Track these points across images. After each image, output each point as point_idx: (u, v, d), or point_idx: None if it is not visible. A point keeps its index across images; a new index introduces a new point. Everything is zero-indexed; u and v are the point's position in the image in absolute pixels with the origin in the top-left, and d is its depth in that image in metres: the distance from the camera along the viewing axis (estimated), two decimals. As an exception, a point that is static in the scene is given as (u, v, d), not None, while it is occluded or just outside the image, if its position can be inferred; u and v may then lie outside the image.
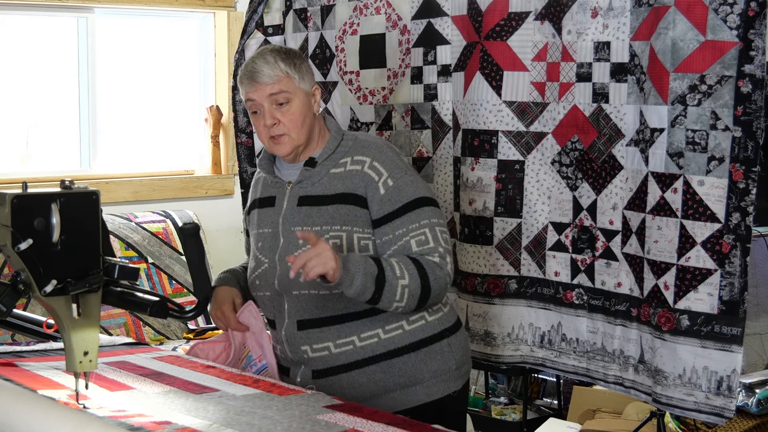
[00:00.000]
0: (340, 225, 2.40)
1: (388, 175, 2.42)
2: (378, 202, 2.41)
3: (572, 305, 2.89)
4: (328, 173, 2.45)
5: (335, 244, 2.38)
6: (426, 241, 2.39)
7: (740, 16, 2.39)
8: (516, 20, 2.92)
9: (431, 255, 2.38)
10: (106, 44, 4.96)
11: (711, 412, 2.50)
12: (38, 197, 1.92)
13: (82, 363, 1.95)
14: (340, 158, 2.46)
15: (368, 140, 2.51)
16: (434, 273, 2.36)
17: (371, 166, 2.43)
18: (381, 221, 2.41)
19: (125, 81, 5.07)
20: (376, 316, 2.42)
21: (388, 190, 2.41)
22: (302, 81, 2.44)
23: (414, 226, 2.40)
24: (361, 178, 2.42)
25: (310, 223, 2.42)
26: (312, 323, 2.43)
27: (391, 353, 2.44)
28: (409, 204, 2.41)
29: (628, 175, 2.70)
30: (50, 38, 4.81)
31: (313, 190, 2.45)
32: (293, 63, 2.44)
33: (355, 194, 2.42)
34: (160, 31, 5.22)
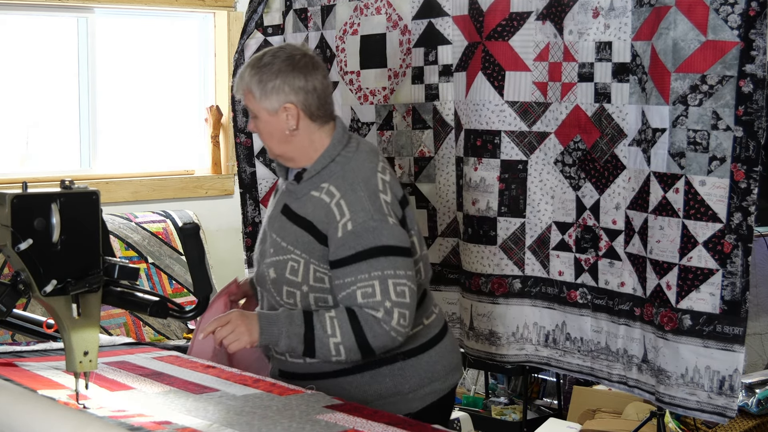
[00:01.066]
0: (300, 251, 2.34)
1: (349, 217, 2.30)
2: (334, 244, 2.31)
3: (576, 304, 2.89)
4: (307, 194, 2.37)
5: (292, 267, 2.34)
6: (372, 294, 2.27)
7: (741, 16, 2.39)
8: (517, 20, 2.91)
9: (375, 309, 2.27)
10: (106, 44, 4.95)
11: (713, 411, 2.50)
12: (38, 197, 1.91)
13: (82, 363, 1.95)
14: (322, 182, 2.36)
15: (351, 171, 2.37)
16: (372, 330, 2.26)
17: (337, 204, 2.32)
18: (335, 264, 2.31)
19: (125, 81, 5.07)
20: None
21: (346, 234, 2.29)
22: (264, 99, 2.34)
23: (363, 276, 2.27)
24: (326, 213, 2.32)
25: (282, 235, 2.38)
26: None
27: (337, 373, 2.38)
28: (363, 253, 2.28)
29: (630, 175, 2.70)
30: (50, 38, 4.81)
31: (293, 204, 2.39)
32: (259, 79, 2.34)
33: (318, 228, 2.33)
34: (160, 31, 5.22)
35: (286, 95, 2.33)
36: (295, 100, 2.34)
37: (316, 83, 2.36)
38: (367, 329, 2.27)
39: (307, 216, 2.35)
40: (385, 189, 2.37)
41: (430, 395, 2.45)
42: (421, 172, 3.27)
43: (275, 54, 2.37)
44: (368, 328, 2.27)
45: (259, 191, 3.73)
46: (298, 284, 2.34)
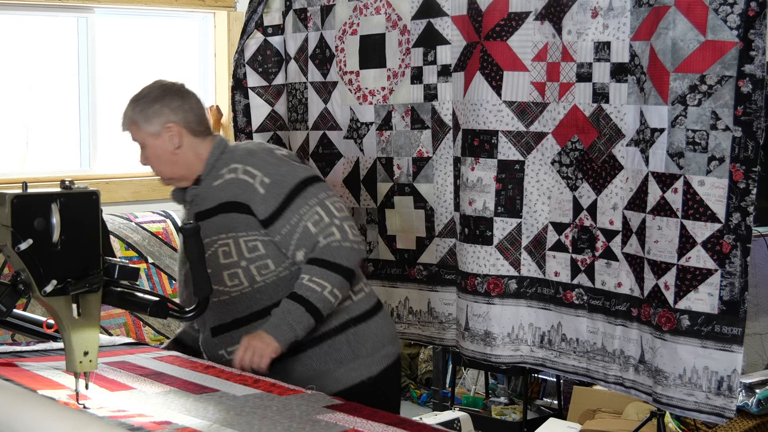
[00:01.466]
0: (225, 233, 2.50)
1: (261, 174, 2.49)
2: (261, 203, 2.48)
3: (572, 305, 2.89)
4: (210, 187, 2.54)
5: (224, 251, 2.49)
6: (320, 219, 2.48)
7: (740, 16, 2.39)
8: (516, 20, 2.92)
9: (329, 235, 2.46)
10: (106, 44, 4.96)
11: (711, 412, 2.50)
12: (38, 197, 1.91)
13: (82, 363, 1.95)
14: (219, 171, 2.55)
15: (240, 147, 2.61)
16: (340, 255, 2.46)
17: (245, 171, 2.51)
18: (271, 219, 2.48)
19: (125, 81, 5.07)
20: None
21: (267, 187, 2.48)
22: (147, 124, 2.54)
23: (304, 209, 2.48)
24: (238, 185, 2.50)
25: (203, 236, 2.43)
26: (223, 328, 2.54)
27: (296, 348, 2.49)
28: (291, 192, 2.49)
29: (628, 175, 2.70)
30: (50, 38, 4.81)
31: (203, 205, 2.55)
32: (140, 108, 2.55)
33: (235, 202, 2.50)
34: (160, 31, 5.22)
35: (166, 116, 2.55)
36: (176, 119, 2.55)
37: (192, 103, 2.59)
38: (338, 259, 2.46)
39: (220, 200, 2.51)
40: (278, 148, 2.64)
41: (386, 358, 2.63)
42: (419, 173, 3.28)
43: (150, 86, 2.61)
44: (337, 257, 2.46)
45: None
46: (236, 263, 2.48)
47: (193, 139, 2.57)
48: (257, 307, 2.51)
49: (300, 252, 2.49)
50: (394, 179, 3.35)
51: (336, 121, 3.47)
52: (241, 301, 2.50)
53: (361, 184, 3.44)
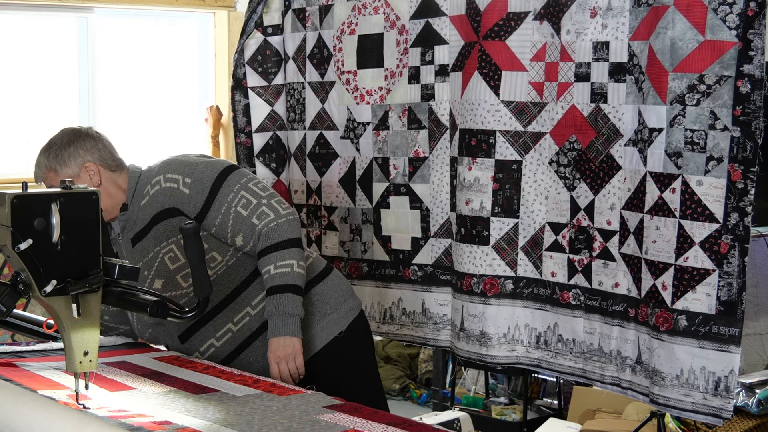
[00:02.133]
0: (166, 239, 2.59)
1: (183, 175, 2.60)
2: (188, 202, 2.58)
3: (569, 306, 2.89)
4: (139, 207, 2.64)
5: (170, 257, 2.59)
6: (249, 202, 2.58)
7: (739, 16, 2.39)
8: (515, 20, 2.92)
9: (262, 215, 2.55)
10: (106, 44, 4.96)
11: (708, 412, 2.50)
12: (38, 197, 1.92)
13: (82, 363, 1.95)
14: (143, 190, 2.65)
15: (156, 164, 2.70)
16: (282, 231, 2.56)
17: (166, 179, 2.61)
18: (202, 213, 2.57)
19: (125, 81, 5.07)
20: (239, 297, 2.61)
21: (191, 186, 2.58)
22: (65, 168, 2.62)
23: (231, 197, 2.58)
24: (164, 193, 2.60)
25: (144, 253, 2.61)
26: (191, 330, 2.62)
27: (264, 325, 2.58)
28: (214, 185, 2.58)
29: (626, 175, 2.70)
30: (50, 38, 4.81)
31: (135, 227, 2.64)
32: (55, 155, 2.63)
33: (164, 209, 2.59)
34: (160, 31, 5.23)
35: (82, 157, 2.65)
36: (92, 159, 2.66)
37: (103, 142, 2.72)
38: (283, 236, 2.56)
39: (152, 214, 2.61)
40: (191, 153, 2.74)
41: (351, 311, 2.78)
42: (415, 173, 3.27)
43: (59, 134, 2.72)
44: (282, 235, 2.56)
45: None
46: (185, 264, 2.56)
47: (111, 174, 2.67)
48: (215, 300, 2.59)
49: (239, 237, 2.57)
50: (390, 179, 3.35)
51: (333, 121, 3.48)
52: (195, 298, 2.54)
53: (357, 184, 3.44)
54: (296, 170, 3.62)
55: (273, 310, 2.52)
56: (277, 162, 3.70)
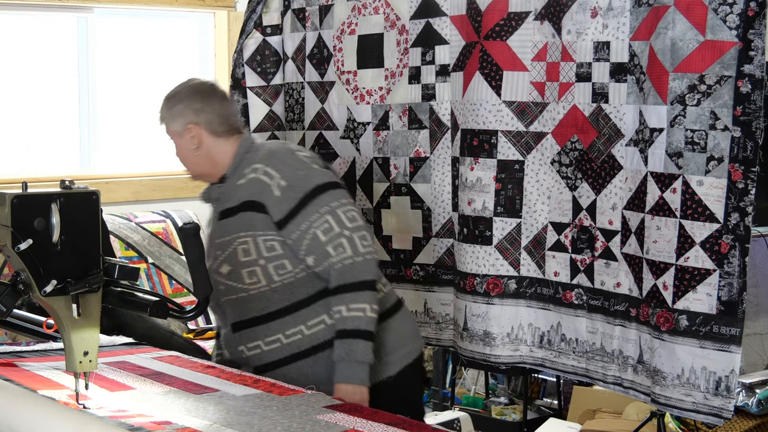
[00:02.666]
0: (244, 231, 2.53)
1: (279, 176, 2.53)
2: (275, 205, 2.51)
3: (572, 305, 2.89)
4: (235, 185, 2.58)
5: (243, 249, 2.53)
6: (330, 228, 2.49)
7: (740, 16, 2.39)
8: (516, 20, 2.92)
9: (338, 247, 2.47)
10: (106, 44, 4.96)
11: (709, 412, 2.50)
12: (38, 197, 1.91)
13: (82, 363, 1.95)
14: (243, 170, 2.59)
15: (265, 146, 2.64)
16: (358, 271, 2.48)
17: (264, 172, 2.55)
18: (284, 222, 2.51)
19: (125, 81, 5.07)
20: (297, 312, 2.54)
21: (282, 190, 2.51)
22: (173, 122, 2.62)
23: (315, 216, 2.49)
24: (257, 184, 2.54)
25: (224, 233, 2.57)
26: (243, 324, 2.58)
27: (317, 348, 2.53)
28: (305, 198, 2.50)
29: (627, 175, 2.70)
30: (50, 38, 4.81)
31: (227, 203, 2.59)
32: (168, 107, 2.64)
33: (252, 201, 2.54)
34: (160, 31, 5.22)
35: (188, 117, 2.61)
36: (196, 121, 2.61)
37: (215, 105, 2.63)
38: (358, 276, 2.48)
39: (241, 200, 2.55)
40: (300, 150, 2.66)
41: (407, 355, 2.66)
42: (416, 172, 3.28)
43: (181, 85, 2.69)
44: (357, 275, 2.48)
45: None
46: (255, 261, 2.51)
47: (215, 140, 2.61)
48: (274, 307, 2.54)
49: (310, 258, 2.51)
50: (390, 179, 3.35)
51: (333, 120, 3.47)
52: (259, 299, 2.53)
53: (357, 184, 3.44)
54: None
55: (343, 356, 2.45)
56: (277, 162, 3.70)
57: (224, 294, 2.57)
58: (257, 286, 2.52)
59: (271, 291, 2.53)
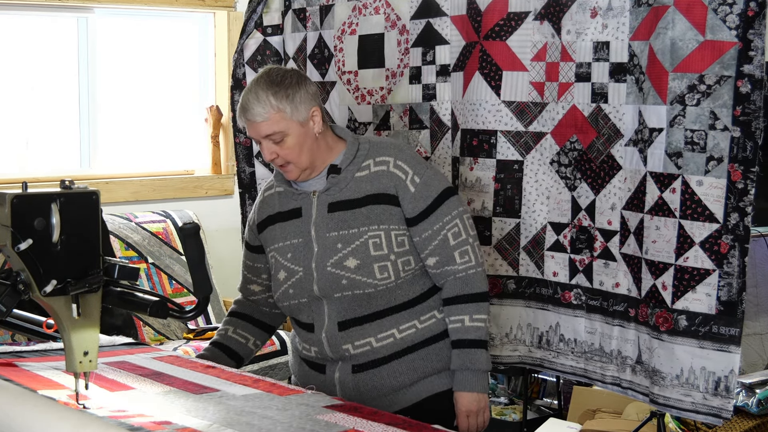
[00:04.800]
0: (377, 224, 2.49)
1: (413, 172, 2.52)
2: (410, 201, 2.50)
3: (570, 305, 2.90)
4: (353, 178, 2.52)
5: (375, 243, 2.48)
6: (459, 232, 2.53)
7: (739, 16, 2.39)
8: (515, 20, 2.92)
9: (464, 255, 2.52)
10: (106, 44, 4.96)
11: (708, 412, 2.50)
12: (38, 197, 1.91)
13: (82, 363, 1.95)
14: (362, 162, 2.53)
15: (384, 141, 2.60)
16: (479, 282, 2.55)
17: (396, 166, 2.52)
18: (417, 218, 2.51)
19: (125, 81, 5.07)
20: (413, 308, 2.55)
21: (417, 187, 2.51)
22: (295, 112, 2.46)
23: (447, 218, 2.52)
24: (389, 177, 2.51)
25: (346, 226, 2.50)
26: (353, 322, 2.52)
27: (427, 341, 2.56)
28: (439, 197, 2.52)
29: (626, 175, 2.71)
30: (50, 38, 4.81)
31: (341, 195, 2.52)
32: (285, 95, 2.45)
33: (386, 194, 2.50)
34: (160, 31, 5.23)
35: (310, 102, 2.49)
36: (316, 104, 2.52)
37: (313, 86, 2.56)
38: (480, 287, 2.55)
39: (368, 192, 2.51)
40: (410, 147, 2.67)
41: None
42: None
43: (281, 72, 2.51)
44: (479, 286, 2.55)
45: (258, 191, 3.74)
46: (386, 255, 2.49)
47: (325, 126, 2.56)
48: (395, 302, 2.53)
49: (433, 259, 2.54)
50: (392, 179, 3.35)
51: (334, 121, 3.48)
52: (384, 295, 2.51)
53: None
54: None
55: (467, 365, 2.50)
56: (277, 162, 3.70)
57: (345, 288, 2.50)
58: (386, 282, 2.50)
59: (396, 287, 2.52)
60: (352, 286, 2.49)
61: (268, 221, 2.66)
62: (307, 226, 2.55)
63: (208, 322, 4.58)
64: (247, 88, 2.51)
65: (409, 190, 2.50)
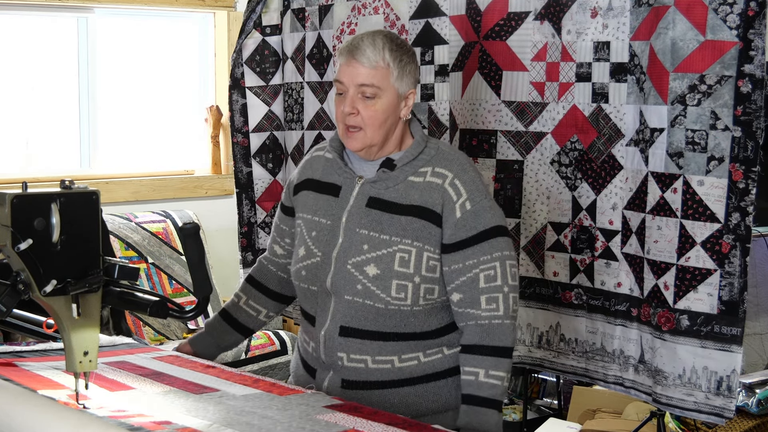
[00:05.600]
0: (411, 239, 2.25)
1: (467, 197, 2.26)
2: (452, 226, 2.25)
3: (571, 305, 2.90)
4: (405, 180, 2.29)
5: (402, 258, 2.25)
6: (494, 276, 2.25)
7: (740, 16, 2.39)
8: (515, 20, 2.92)
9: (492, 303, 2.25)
10: (106, 44, 4.96)
11: (711, 412, 2.50)
12: (38, 197, 1.91)
13: (82, 363, 1.95)
14: (421, 166, 2.30)
15: (452, 154, 2.35)
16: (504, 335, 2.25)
17: (452, 184, 2.27)
18: (453, 247, 2.26)
19: (125, 81, 5.07)
20: (420, 341, 2.32)
21: (465, 213, 2.25)
22: (399, 80, 2.26)
23: (486, 258, 2.25)
24: (441, 193, 2.26)
25: (379, 229, 2.27)
26: (355, 332, 2.29)
27: (428, 377, 2.32)
28: (484, 233, 2.26)
29: (627, 175, 2.70)
30: (50, 38, 4.81)
31: (386, 194, 2.29)
32: (400, 58, 2.25)
33: (431, 210, 2.26)
34: (160, 31, 5.22)
35: (414, 81, 2.30)
36: (415, 88, 2.32)
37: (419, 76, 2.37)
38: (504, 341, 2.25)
39: (414, 202, 2.27)
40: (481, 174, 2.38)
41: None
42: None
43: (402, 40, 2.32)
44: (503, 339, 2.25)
45: (255, 191, 3.74)
46: (410, 275, 2.25)
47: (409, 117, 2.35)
48: (405, 329, 2.29)
49: (457, 295, 2.27)
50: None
51: (332, 120, 3.47)
52: (394, 317, 2.27)
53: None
54: (293, 170, 3.62)
55: (474, 425, 2.21)
56: (274, 162, 3.70)
57: (358, 294, 2.27)
58: (399, 303, 2.26)
59: (410, 313, 2.28)
60: (364, 294, 2.26)
61: (305, 184, 2.43)
62: (340, 211, 2.32)
63: (207, 322, 4.57)
64: (363, 33, 2.29)
65: (455, 214, 2.25)
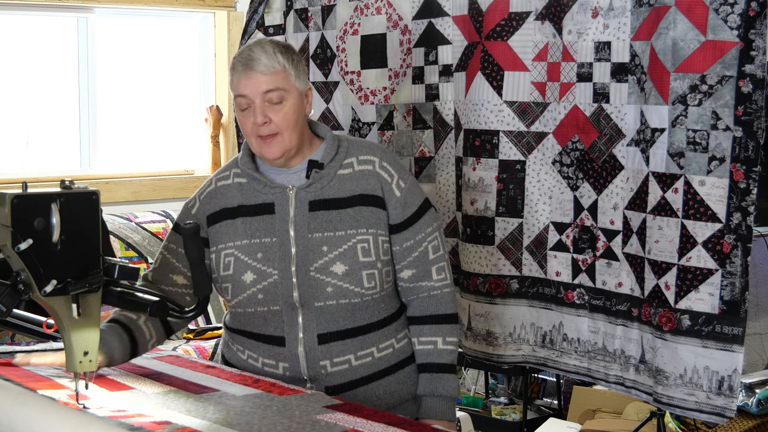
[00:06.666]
0: (366, 227, 2.30)
1: (398, 176, 2.35)
2: (395, 206, 2.33)
3: (573, 305, 2.90)
4: (336, 175, 2.33)
5: (363, 248, 2.29)
6: (437, 247, 2.40)
7: (741, 16, 2.39)
8: (516, 20, 2.92)
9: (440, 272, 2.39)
10: (106, 44, 4.96)
11: (712, 411, 2.50)
12: (38, 197, 1.91)
13: (82, 363, 1.95)
14: (344, 159, 2.34)
15: (364, 141, 2.45)
16: (451, 302, 2.40)
17: (381, 167, 2.34)
18: (401, 226, 2.34)
19: (125, 81, 5.07)
20: (390, 325, 2.38)
21: (402, 192, 2.34)
22: (298, 79, 2.29)
23: (429, 230, 2.38)
24: (375, 177, 2.33)
25: (332, 227, 2.29)
26: (334, 336, 2.30)
27: (402, 362, 2.39)
28: (422, 207, 2.38)
29: (628, 175, 2.70)
30: (50, 38, 4.81)
31: (324, 193, 2.31)
32: (291, 58, 2.28)
33: (373, 195, 2.32)
34: (160, 31, 5.22)
35: (307, 78, 2.37)
36: (310, 84, 2.37)
37: None
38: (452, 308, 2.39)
39: (354, 192, 2.31)
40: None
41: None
42: (421, 172, 3.28)
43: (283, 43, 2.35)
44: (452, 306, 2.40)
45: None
46: (374, 263, 2.30)
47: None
48: (378, 316, 2.34)
49: (409, 272, 2.37)
50: (395, 179, 3.35)
51: (338, 121, 3.48)
52: (369, 307, 2.32)
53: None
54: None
55: (438, 391, 2.32)
56: (278, 162, 3.70)
57: (329, 297, 2.28)
58: (372, 292, 2.31)
59: (380, 299, 2.34)
60: (337, 294, 2.27)
61: (224, 214, 2.36)
62: (284, 225, 2.30)
63: (208, 322, 4.57)
64: (250, 44, 2.32)
65: (395, 194, 2.33)
